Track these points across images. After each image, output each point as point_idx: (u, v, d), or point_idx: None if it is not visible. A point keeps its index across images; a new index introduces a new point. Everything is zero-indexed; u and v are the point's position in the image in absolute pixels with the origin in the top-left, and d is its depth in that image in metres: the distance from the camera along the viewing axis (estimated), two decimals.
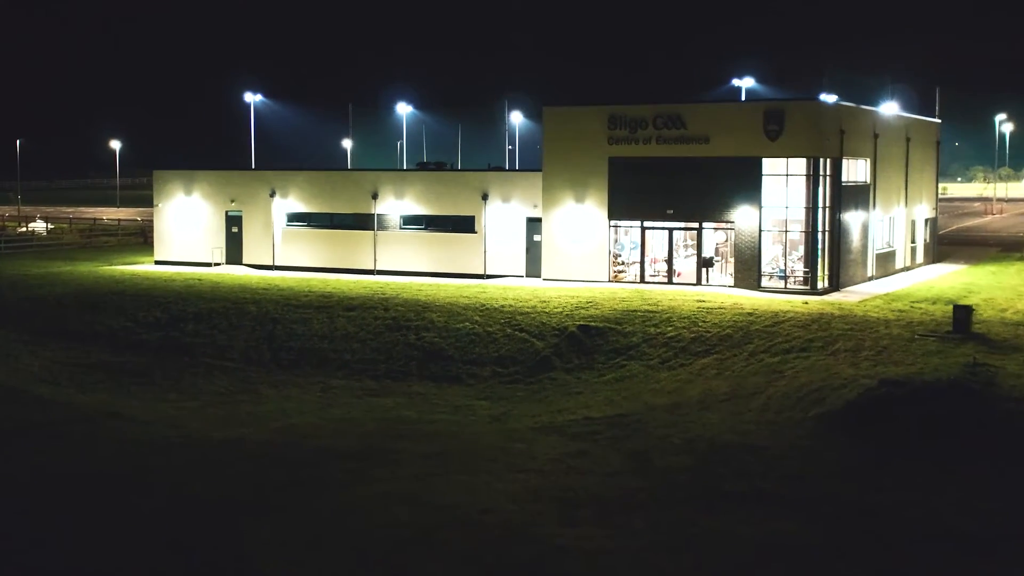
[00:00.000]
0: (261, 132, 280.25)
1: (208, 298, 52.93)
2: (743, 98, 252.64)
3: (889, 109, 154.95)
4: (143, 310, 52.07)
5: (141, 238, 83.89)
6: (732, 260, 52.81)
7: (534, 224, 56.29)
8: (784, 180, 51.17)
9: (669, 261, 53.69)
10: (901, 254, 61.66)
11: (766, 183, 51.38)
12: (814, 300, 48.77)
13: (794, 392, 37.24)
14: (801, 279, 51.37)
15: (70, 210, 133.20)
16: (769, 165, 51.22)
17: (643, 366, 42.91)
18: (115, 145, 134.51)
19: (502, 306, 49.08)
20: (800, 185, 51.22)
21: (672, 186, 52.84)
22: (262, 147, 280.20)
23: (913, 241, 63.75)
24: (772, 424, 34.90)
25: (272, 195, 61.78)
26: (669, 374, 41.85)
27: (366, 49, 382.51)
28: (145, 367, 46.90)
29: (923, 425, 32.19)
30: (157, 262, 65.23)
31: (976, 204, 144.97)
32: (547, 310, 48.08)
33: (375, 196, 59.31)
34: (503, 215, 56.88)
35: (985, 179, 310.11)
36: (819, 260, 51.18)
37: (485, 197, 56.98)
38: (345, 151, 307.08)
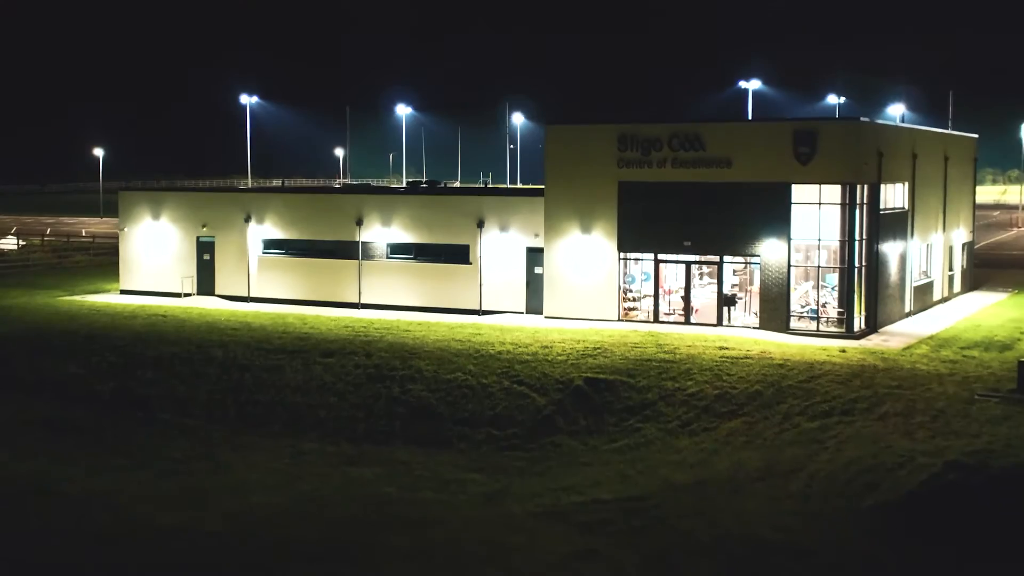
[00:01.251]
0: (257, 134, 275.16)
1: (171, 340, 47.33)
2: (750, 102, 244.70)
3: (898, 111, 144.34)
4: (97, 354, 46.50)
5: (116, 256, 78.12)
6: (752, 290, 47.34)
7: (535, 255, 50.69)
8: (816, 209, 45.52)
9: (686, 298, 48.06)
10: (939, 284, 56.04)
11: (796, 212, 45.75)
12: (852, 346, 43.14)
13: (840, 471, 31.66)
14: (835, 320, 45.72)
15: (51, 220, 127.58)
16: (799, 192, 45.59)
17: (660, 430, 37.32)
18: (98, 152, 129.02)
19: (499, 352, 43.49)
20: (834, 215, 45.57)
21: (690, 214, 47.22)
22: (258, 150, 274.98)
23: (950, 269, 58.15)
24: (818, 516, 29.34)
25: (247, 220, 56.17)
26: (691, 441, 36.28)
27: (366, 50, 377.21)
28: (94, 425, 41.45)
29: (1008, 530, 26.65)
30: (123, 291, 59.64)
31: (996, 213, 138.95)
32: (549, 357, 42.50)
33: (359, 222, 53.70)
34: (501, 244, 51.28)
35: (994, 182, 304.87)
36: (855, 298, 45.53)
37: (481, 224, 51.36)
38: (343, 159, 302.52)
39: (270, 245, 56.27)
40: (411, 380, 41.73)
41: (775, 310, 45.96)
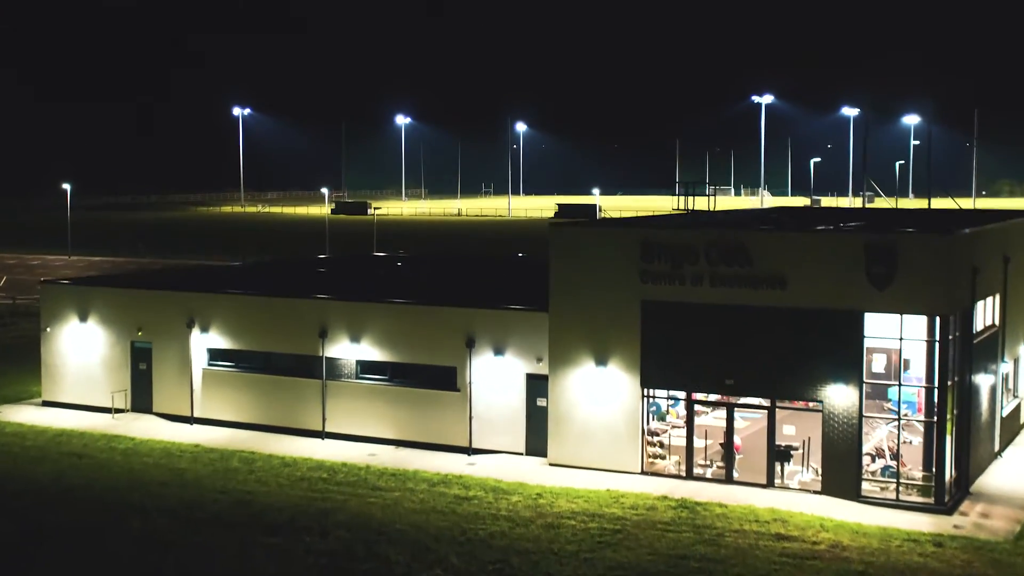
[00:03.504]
0: (253, 147, 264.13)
1: (81, 497, 37.70)
2: (763, 115, 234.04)
3: (913, 120, 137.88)
4: None
5: None
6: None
7: (537, 383, 41.00)
8: (896, 345, 35.84)
9: (727, 449, 38.31)
10: None
11: (869, 347, 36.09)
12: (946, 531, 33.39)
13: None
14: (918, 485, 35.92)
15: (12, 259, 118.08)
16: (874, 322, 35.90)
17: None
18: (65, 186, 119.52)
19: (491, 533, 33.83)
20: (919, 352, 35.91)
21: (733, 346, 37.52)
22: (254, 163, 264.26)
23: None
24: None
25: (190, 325, 46.52)
26: None
27: (364, 57, 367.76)
28: None
29: None
30: (45, 403, 49.99)
31: None
32: (555, 546, 32.82)
33: (323, 334, 44.04)
34: (495, 369, 41.61)
35: (1011, 193, 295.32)
36: (944, 455, 35.78)
37: (471, 343, 41.71)
38: (338, 179, 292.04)
39: (217, 356, 46.58)
40: None
41: (842, 471, 36.21)
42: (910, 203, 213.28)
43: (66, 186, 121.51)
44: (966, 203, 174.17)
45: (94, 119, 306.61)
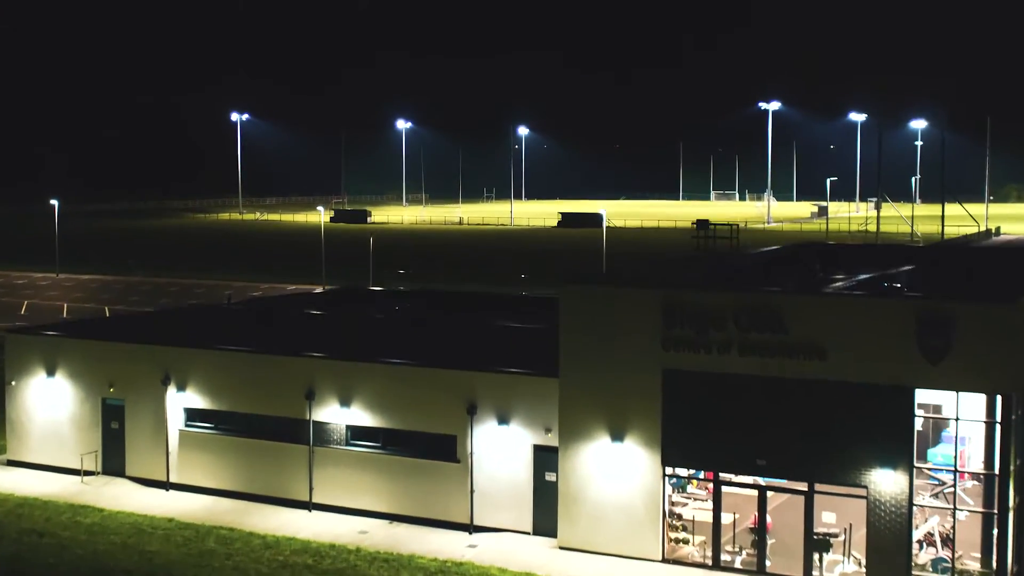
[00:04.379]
0: (254, 153, 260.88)
1: None
2: (770, 122, 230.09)
3: (920, 124, 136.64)
4: None
5: None
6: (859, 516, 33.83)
7: (546, 456, 37.05)
8: (953, 426, 31.94)
9: (760, 535, 34.37)
10: None
11: (922, 428, 32.17)
12: None
13: None
14: None
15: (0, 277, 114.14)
16: (927, 400, 31.97)
17: None
18: (53, 202, 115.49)
19: None
20: (976, 433, 32.00)
21: (765, 422, 33.56)
22: (254, 169, 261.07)
23: None
24: None
25: (166, 382, 42.60)
26: None
27: (362, 62, 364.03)
28: None
29: None
30: (10, 462, 46.09)
31: None
32: None
33: (310, 396, 40.10)
34: (499, 439, 37.66)
35: (1019, 198, 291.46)
36: (1006, 550, 31.86)
37: (472, 410, 37.75)
38: (338, 185, 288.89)
39: (195, 417, 42.63)
40: None
41: (890, 566, 32.25)
42: (919, 209, 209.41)
43: (54, 201, 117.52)
44: (976, 209, 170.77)
45: (94, 121, 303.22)
